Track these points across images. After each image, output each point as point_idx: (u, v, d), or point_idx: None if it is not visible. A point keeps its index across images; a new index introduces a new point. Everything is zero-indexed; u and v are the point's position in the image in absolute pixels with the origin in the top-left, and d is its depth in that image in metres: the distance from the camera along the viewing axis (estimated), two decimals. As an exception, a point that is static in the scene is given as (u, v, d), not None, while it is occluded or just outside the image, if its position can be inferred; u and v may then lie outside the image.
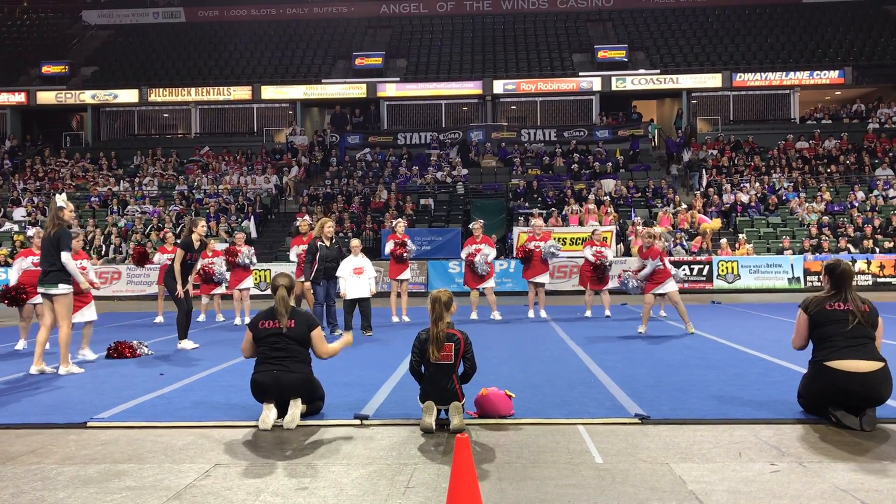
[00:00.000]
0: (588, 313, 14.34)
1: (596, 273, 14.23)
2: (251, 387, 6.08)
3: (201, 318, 14.90)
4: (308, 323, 6.18)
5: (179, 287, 10.37)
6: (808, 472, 4.63)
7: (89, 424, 6.04)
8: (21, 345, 10.96)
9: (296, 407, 5.94)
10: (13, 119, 35.32)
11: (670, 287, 11.52)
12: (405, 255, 13.95)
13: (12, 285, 10.56)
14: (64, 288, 8.45)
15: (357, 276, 11.85)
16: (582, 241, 21.15)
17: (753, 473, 4.61)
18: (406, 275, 14.17)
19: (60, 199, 8.70)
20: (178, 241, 10.30)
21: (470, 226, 14.71)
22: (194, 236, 10.45)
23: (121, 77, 35.54)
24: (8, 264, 24.08)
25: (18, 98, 34.78)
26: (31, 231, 11.49)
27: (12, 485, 4.63)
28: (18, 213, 27.74)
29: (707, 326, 12.31)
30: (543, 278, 14.56)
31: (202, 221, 10.74)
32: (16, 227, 26.64)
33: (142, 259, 13.54)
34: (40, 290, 8.61)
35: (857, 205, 25.04)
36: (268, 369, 6.00)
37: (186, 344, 10.61)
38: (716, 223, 24.05)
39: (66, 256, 8.40)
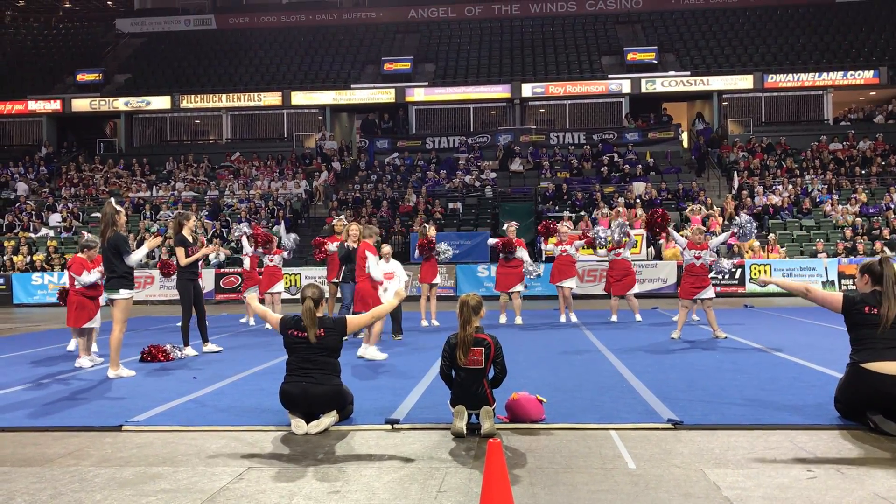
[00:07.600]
0: (614, 318, 14.21)
1: (615, 278, 14.16)
2: (280, 396, 6.07)
3: (251, 322, 14.99)
4: (338, 328, 6.13)
5: (203, 250, 10.72)
6: (847, 478, 4.55)
7: (125, 427, 6.12)
8: (73, 345, 11.13)
9: (328, 417, 5.96)
10: (49, 126, 35.96)
11: (710, 294, 11.35)
12: (428, 251, 13.77)
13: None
14: (125, 293, 8.71)
15: (387, 281, 11.85)
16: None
17: (789, 480, 4.55)
18: (436, 279, 14.14)
19: (117, 204, 8.93)
20: (174, 241, 10.60)
21: (503, 227, 14.64)
22: (185, 230, 10.58)
23: (153, 84, 36.04)
24: (44, 269, 24.54)
25: (54, 106, 35.39)
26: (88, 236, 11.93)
27: (51, 486, 4.71)
28: (54, 219, 28.23)
29: (739, 330, 12.16)
30: (571, 283, 14.52)
31: (193, 217, 10.96)
32: (51, 233, 27.11)
33: (166, 269, 14.08)
34: (106, 295, 8.90)
35: (892, 207, 24.59)
36: (297, 380, 5.97)
37: (211, 346, 10.76)
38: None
39: (128, 259, 8.66)
